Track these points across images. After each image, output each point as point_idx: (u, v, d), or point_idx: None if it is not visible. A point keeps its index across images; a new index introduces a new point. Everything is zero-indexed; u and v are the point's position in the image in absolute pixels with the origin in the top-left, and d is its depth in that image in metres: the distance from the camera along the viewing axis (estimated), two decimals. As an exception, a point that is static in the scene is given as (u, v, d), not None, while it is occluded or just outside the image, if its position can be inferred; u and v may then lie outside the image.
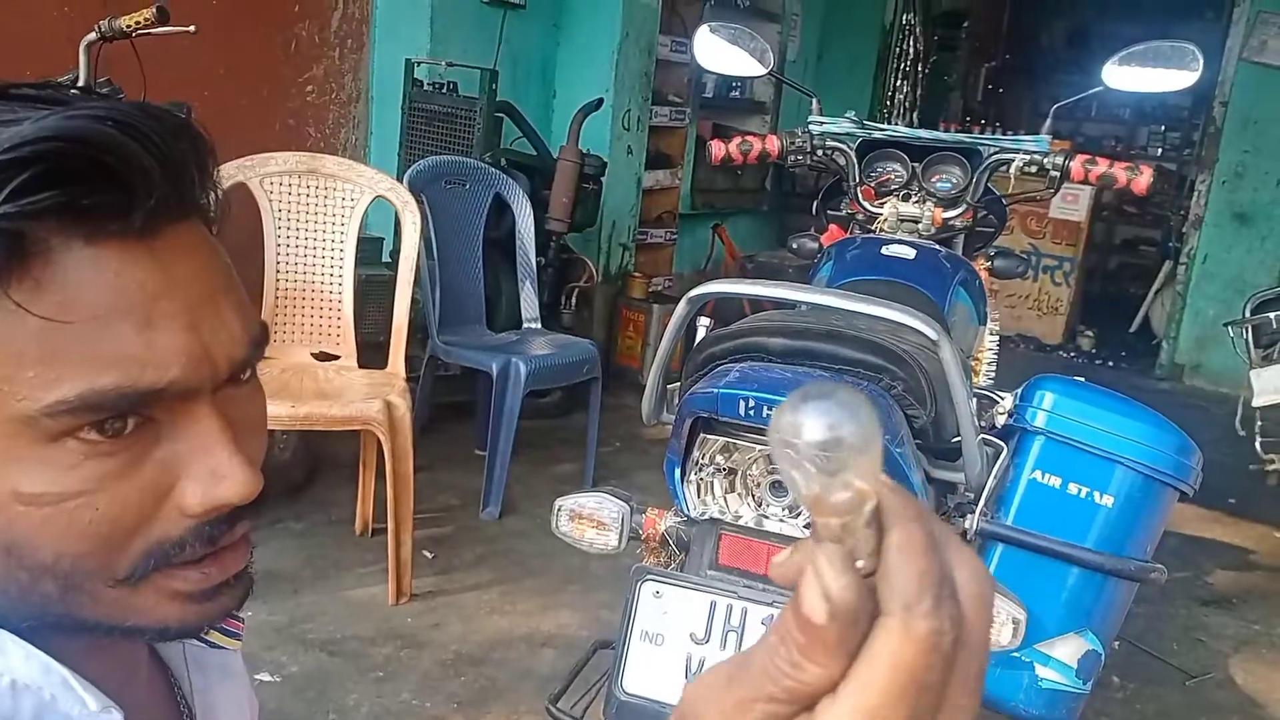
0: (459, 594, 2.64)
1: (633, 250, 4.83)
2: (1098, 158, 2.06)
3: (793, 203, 6.17)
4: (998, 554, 1.65)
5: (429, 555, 2.80)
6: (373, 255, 3.38)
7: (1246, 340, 3.42)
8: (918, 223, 2.01)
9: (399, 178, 3.06)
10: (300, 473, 3.08)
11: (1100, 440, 1.62)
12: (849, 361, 1.43)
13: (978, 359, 2.08)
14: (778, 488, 1.39)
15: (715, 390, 1.35)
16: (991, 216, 2.22)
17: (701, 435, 1.42)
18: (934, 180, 2.07)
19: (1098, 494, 1.62)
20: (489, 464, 3.07)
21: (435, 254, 3.21)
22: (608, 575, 2.71)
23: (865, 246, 1.96)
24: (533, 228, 3.46)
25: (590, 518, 1.55)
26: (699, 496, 1.43)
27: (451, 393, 3.61)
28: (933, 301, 1.76)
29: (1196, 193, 5.80)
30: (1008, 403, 1.66)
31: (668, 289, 4.78)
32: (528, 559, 2.85)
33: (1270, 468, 3.55)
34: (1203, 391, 5.50)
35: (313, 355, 2.68)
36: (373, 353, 2.74)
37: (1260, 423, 3.44)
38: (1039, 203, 5.42)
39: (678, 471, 1.43)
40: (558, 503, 1.57)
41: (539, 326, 3.46)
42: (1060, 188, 2.10)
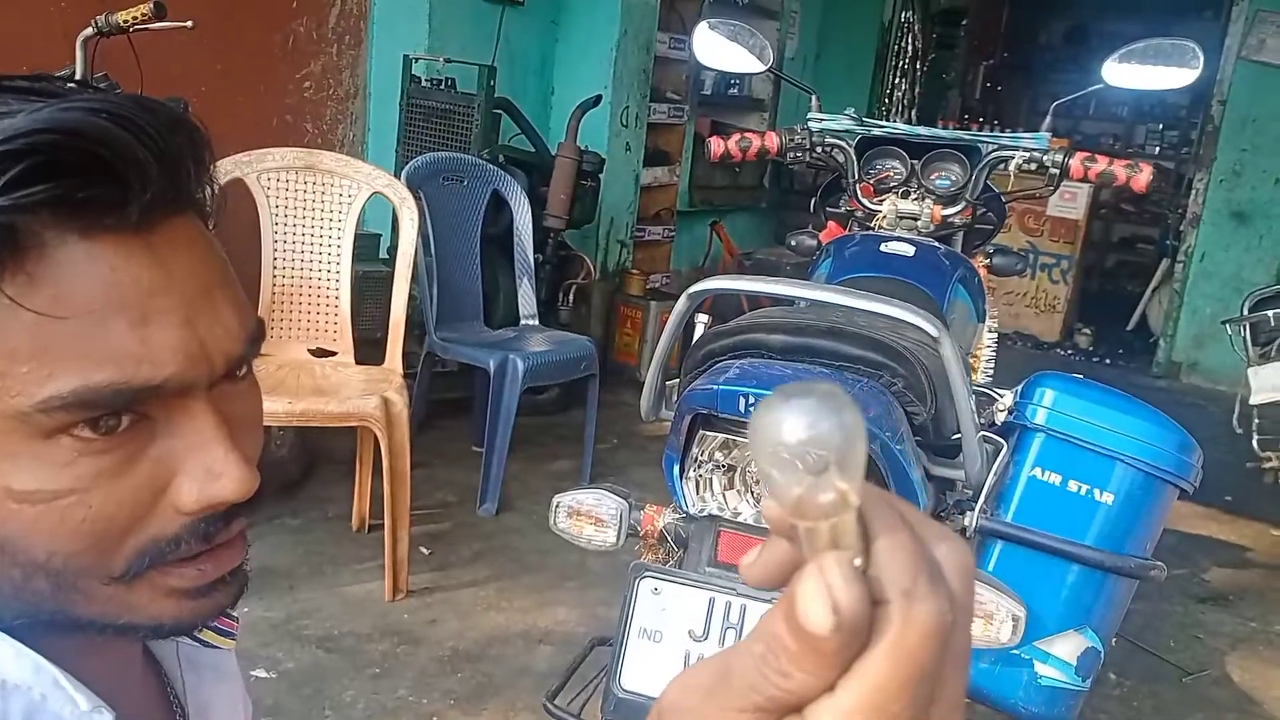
0: (456, 590, 2.64)
1: (630, 247, 4.83)
2: (1097, 155, 2.06)
3: (791, 200, 6.17)
4: (997, 551, 1.65)
5: (426, 552, 2.80)
6: (370, 251, 3.38)
7: (1244, 338, 3.42)
8: (917, 220, 2.01)
9: (396, 174, 3.05)
10: (297, 469, 3.08)
11: (1101, 437, 1.61)
12: (849, 358, 1.42)
13: (976, 356, 2.08)
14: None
15: (715, 387, 1.34)
16: (990, 214, 2.22)
17: (701, 432, 1.41)
18: (933, 178, 2.07)
19: (1098, 491, 1.61)
20: (486, 460, 3.07)
21: (433, 250, 3.20)
22: (605, 572, 2.71)
23: (864, 243, 1.96)
24: (530, 224, 3.46)
25: (588, 514, 1.55)
26: (698, 493, 1.43)
27: (448, 389, 3.61)
28: (932, 299, 1.75)
29: (1194, 191, 5.80)
30: (1008, 399, 1.65)
31: (665, 286, 4.78)
32: (525, 555, 2.85)
33: (1267, 465, 3.54)
34: (1200, 389, 5.51)
35: (310, 351, 2.67)
36: (370, 349, 2.73)
37: (1257, 420, 3.44)
38: (1037, 200, 5.41)
39: (676, 468, 1.43)
40: (556, 499, 1.57)
41: (536, 323, 3.46)
42: (1059, 185, 2.10)
